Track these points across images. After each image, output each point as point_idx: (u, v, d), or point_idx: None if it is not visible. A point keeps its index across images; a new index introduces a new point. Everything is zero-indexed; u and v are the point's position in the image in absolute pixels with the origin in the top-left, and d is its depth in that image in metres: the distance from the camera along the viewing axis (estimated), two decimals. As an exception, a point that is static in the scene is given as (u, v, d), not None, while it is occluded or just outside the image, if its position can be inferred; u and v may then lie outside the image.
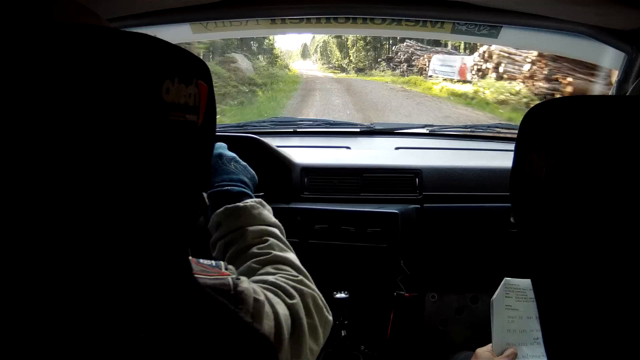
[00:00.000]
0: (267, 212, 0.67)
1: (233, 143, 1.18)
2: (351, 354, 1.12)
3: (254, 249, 0.61)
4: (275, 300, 0.50)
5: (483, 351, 0.88)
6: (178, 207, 0.35)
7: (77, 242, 0.30)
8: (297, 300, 0.52)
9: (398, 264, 1.16)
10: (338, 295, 1.06)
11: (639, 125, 0.25)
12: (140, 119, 0.30)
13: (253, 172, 0.77)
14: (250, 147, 1.18)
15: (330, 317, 0.58)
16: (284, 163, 1.20)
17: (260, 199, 0.69)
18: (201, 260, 0.46)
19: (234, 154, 0.78)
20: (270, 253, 0.60)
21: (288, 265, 0.59)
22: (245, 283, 0.46)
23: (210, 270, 0.45)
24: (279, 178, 1.21)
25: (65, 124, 0.28)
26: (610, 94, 1.18)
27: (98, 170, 0.29)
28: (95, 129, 0.29)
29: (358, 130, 1.60)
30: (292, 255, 0.62)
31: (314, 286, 0.59)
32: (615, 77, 1.10)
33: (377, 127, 1.61)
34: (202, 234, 0.85)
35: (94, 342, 0.31)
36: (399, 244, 1.15)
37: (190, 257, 0.39)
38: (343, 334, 1.06)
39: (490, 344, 0.88)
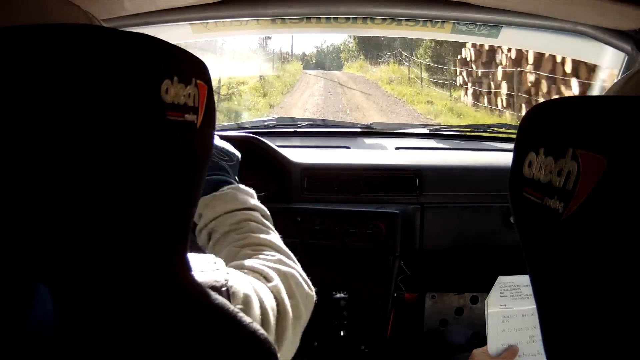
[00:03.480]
0: (245, 197, 0.67)
1: (233, 143, 1.19)
2: (351, 355, 1.12)
3: (233, 234, 0.62)
4: (259, 286, 0.49)
5: (480, 352, 0.88)
6: (176, 206, 0.35)
7: (75, 241, 0.30)
8: (276, 282, 0.52)
9: (398, 264, 1.17)
10: (337, 296, 1.06)
11: (638, 125, 0.25)
12: (138, 118, 0.30)
13: (232, 150, 0.76)
14: (250, 147, 1.18)
15: (312, 292, 0.58)
16: (284, 163, 1.20)
17: (237, 185, 0.69)
18: (193, 255, 0.46)
19: None
20: (249, 236, 0.61)
21: (267, 247, 0.60)
22: (234, 278, 0.45)
23: (201, 266, 0.45)
24: (279, 178, 1.21)
25: (62, 124, 0.28)
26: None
27: (96, 169, 0.29)
28: (93, 129, 0.28)
29: (358, 130, 1.60)
30: (272, 237, 0.62)
31: (293, 263, 0.58)
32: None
33: (377, 127, 1.61)
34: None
35: (93, 341, 0.31)
36: (399, 244, 1.15)
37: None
38: (342, 334, 1.06)
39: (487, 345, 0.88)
